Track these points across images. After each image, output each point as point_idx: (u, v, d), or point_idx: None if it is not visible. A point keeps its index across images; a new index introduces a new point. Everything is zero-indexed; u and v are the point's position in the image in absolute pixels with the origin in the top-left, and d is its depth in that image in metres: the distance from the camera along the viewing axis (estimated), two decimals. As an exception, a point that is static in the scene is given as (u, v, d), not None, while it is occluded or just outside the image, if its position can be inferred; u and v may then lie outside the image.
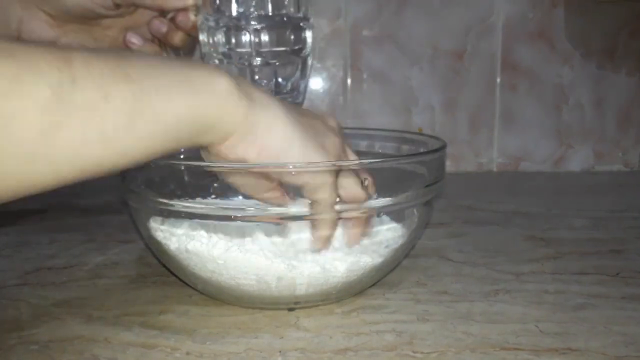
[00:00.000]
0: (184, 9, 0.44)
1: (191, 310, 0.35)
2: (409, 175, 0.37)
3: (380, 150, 0.49)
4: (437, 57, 0.78)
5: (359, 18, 0.77)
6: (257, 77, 0.45)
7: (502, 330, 0.32)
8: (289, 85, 0.46)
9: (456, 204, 0.61)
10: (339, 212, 0.33)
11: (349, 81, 0.79)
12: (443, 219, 0.55)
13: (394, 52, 0.78)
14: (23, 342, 0.31)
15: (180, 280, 0.39)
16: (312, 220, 0.33)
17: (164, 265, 0.41)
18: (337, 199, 0.33)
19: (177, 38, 0.45)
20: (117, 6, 0.43)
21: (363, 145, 0.50)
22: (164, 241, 0.35)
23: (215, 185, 0.39)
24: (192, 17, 0.43)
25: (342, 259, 0.34)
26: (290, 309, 0.35)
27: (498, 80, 0.79)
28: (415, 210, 0.37)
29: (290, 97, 0.46)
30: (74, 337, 0.31)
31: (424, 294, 0.37)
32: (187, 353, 0.29)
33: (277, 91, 0.45)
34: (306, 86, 0.48)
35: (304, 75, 0.46)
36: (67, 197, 0.66)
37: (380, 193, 0.35)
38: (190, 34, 0.45)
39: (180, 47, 0.46)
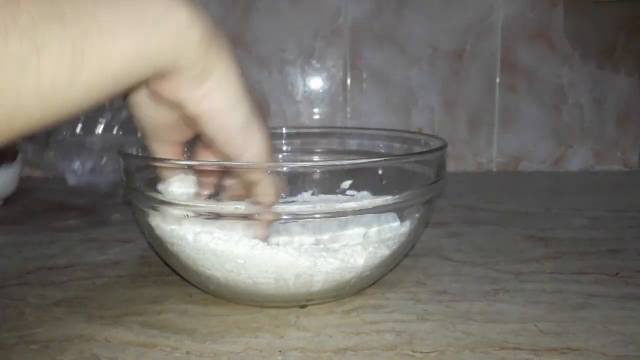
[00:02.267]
0: None
1: (191, 310, 0.35)
2: (411, 174, 0.37)
3: (382, 150, 0.49)
4: (436, 58, 0.78)
5: (359, 18, 0.77)
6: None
7: (501, 330, 0.32)
8: None
9: (456, 204, 0.61)
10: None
11: (349, 81, 0.79)
12: (443, 219, 0.55)
13: (394, 52, 0.78)
14: (24, 341, 0.31)
15: (185, 280, 0.39)
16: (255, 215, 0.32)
17: (167, 264, 0.41)
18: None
19: None
20: None
21: (365, 145, 0.50)
22: (172, 241, 0.34)
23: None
24: None
25: (360, 253, 0.34)
26: (303, 307, 0.35)
27: (498, 80, 0.79)
28: (416, 209, 0.37)
29: None
30: (75, 336, 0.31)
31: (423, 293, 0.37)
32: (187, 353, 0.29)
33: None
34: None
35: None
36: (68, 196, 0.66)
37: (383, 192, 0.35)
38: None
39: None
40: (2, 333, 0.32)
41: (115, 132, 0.47)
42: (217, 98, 0.29)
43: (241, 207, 0.32)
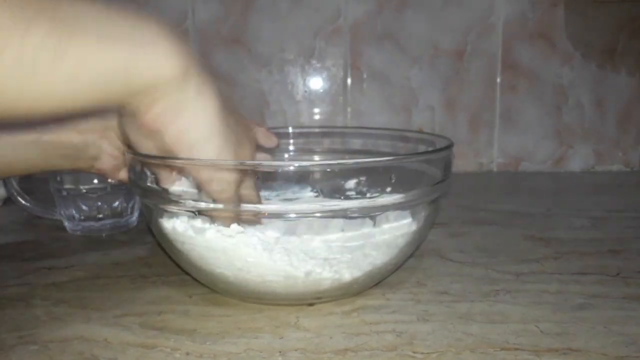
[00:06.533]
0: None
1: (191, 311, 0.35)
2: (416, 173, 0.37)
3: (385, 149, 0.49)
4: (437, 57, 0.78)
5: (359, 18, 0.77)
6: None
7: (502, 330, 0.32)
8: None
9: (456, 204, 0.61)
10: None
11: (349, 81, 0.79)
12: (443, 219, 0.55)
13: (394, 52, 0.78)
14: (23, 342, 0.31)
15: (185, 280, 0.39)
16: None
17: (175, 262, 0.41)
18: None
19: None
20: None
21: (369, 144, 0.50)
22: (181, 239, 0.34)
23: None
24: None
25: (369, 251, 0.34)
26: (311, 304, 0.35)
27: (498, 80, 0.79)
28: (423, 208, 0.37)
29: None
30: (74, 337, 0.31)
31: (424, 294, 0.37)
32: (187, 353, 0.29)
33: None
34: None
35: None
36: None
37: (389, 191, 0.35)
38: None
39: None
40: (1, 333, 0.32)
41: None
42: (189, 132, 0.30)
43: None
